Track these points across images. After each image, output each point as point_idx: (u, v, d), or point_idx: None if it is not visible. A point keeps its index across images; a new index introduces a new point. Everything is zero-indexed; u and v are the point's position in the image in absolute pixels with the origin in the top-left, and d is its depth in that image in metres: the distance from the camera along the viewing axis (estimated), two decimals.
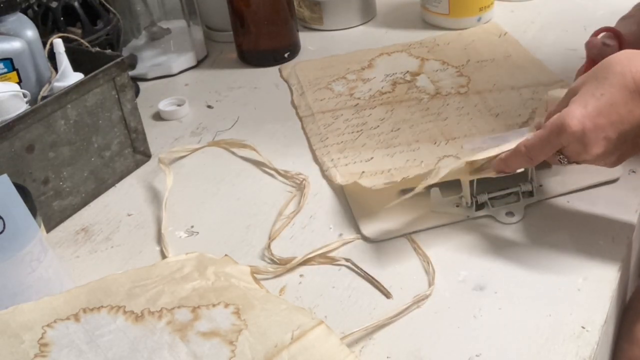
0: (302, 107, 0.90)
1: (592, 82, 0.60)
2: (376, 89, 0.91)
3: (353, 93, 0.91)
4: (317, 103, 0.90)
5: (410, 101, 0.88)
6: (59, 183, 0.74)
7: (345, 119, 0.86)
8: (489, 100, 0.86)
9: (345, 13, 1.08)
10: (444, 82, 0.91)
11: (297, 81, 0.96)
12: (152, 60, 1.03)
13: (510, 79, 0.90)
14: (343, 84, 0.93)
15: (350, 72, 0.96)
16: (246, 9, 0.98)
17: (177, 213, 0.74)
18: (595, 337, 0.55)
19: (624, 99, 0.58)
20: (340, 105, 0.89)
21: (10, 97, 0.70)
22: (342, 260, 0.65)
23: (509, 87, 0.88)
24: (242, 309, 0.58)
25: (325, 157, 0.79)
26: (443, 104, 0.87)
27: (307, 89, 0.93)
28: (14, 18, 0.76)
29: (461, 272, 0.62)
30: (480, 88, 0.89)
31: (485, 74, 0.92)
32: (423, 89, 0.90)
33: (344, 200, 0.73)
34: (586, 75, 0.61)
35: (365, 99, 0.89)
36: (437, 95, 0.88)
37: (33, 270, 0.59)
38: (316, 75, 0.96)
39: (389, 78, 0.93)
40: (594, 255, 0.62)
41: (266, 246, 0.68)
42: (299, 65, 0.99)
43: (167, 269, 0.63)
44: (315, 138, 0.84)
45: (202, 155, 0.84)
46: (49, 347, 0.56)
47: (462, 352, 0.55)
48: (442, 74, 0.93)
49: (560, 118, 0.59)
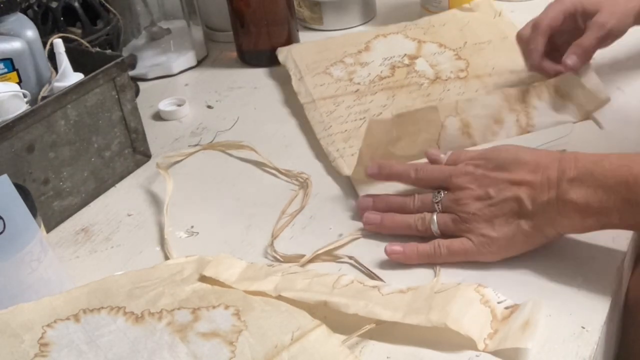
0: (302, 94, 0.89)
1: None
2: (375, 74, 0.90)
3: (352, 78, 0.90)
4: (317, 89, 0.89)
5: (411, 86, 0.87)
6: (59, 183, 0.74)
7: (347, 105, 0.85)
8: (489, 85, 0.85)
9: (345, 13, 1.08)
10: (443, 66, 0.90)
11: (294, 65, 0.94)
12: (152, 60, 1.03)
13: (509, 62, 0.89)
14: (341, 69, 0.92)
15: (348, 55, 0.94)
16: (246, 9, 0.98)
17: (177, 213, 0.74)
18: (595, 337, 0.55)
19: (523, 167, 0.61)
20: (341, 91, 0.88)
21: (10, 97, 0.70)
22: (345, 258, 0.65)
23: (508, 71, 0.87)
24: (242, 310, 0.58)
25: (331, 147, 0.79)
26: (444, 89, 0.86)
27: (305, 74, 0.92)
28: (14, 18, 0.76)
29: (461, 272, 0.62)
30: (479, 72, 0.88)
31: (484, 57, 0.91)
32: (422, 73, 0.89)
33: (344, 200, 0.73)
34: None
35: (366, 84, 0.89)
36: (437, 79, 0.88)
37: (33, 270, 0.59)
38: (313, 58, 0.94)
39: (387, 62, 0.92)
40: (594, 255, 0.62)
41: (269, 244, 0.68)
42: (295, 49, 0.98)
43: (167, 271, 0.63)
44: (318, 126, 0.83)
45: (202, 155, 0.84)
46: (49, 347, 0.56)
47: (462, 353, 0.55)
48: (440, 57, 0.92)
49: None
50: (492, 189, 0.62)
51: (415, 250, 0.63)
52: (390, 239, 0.66)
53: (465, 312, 0.55)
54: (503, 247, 0.62)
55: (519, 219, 0.61)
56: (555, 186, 0.59)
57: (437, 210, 0.65)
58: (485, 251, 0.62)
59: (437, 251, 0.63)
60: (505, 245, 0.61)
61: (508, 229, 0.61)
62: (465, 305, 0.56)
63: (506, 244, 0.61)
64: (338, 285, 0.59)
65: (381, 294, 0.58)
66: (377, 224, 0.67)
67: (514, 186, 0.61)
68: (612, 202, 0.57)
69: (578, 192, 0.58)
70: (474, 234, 0.62)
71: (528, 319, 0.54)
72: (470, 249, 0.62)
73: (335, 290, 0.59)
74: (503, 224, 0.61)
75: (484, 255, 0.62)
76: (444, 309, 0.55)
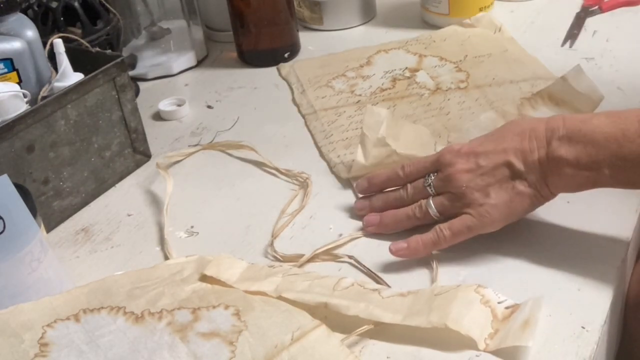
0: (303, 105, 0.90)
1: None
2: (376, 86, 0.91)
3: (354, 90, 0.91)
4: (318, 101, 0.90)
5: (412, 97, 0.88)
6: (59, 183, 0.74)
7: (348, 115, 0.86)
8: (489, 95, 0.86)
9: (345, 13, 1.08)
10: (444, 78, 0.91)
11: (296, 80, 0.96)
12: (152, 60, 1.03)
13: (509, 73, 0.90)
14: (343, 82, 0.93)
15: (349, 69, 0.96)
16: (246, 9, 0.98)
17: (177, 213, 0.74)
18: (595, 337, 0.55)
19: (508, 135, 0.61)
20: (342, 103, 0.89)
21: (10, 97, 0.70)
22: (345, 258, 0.65)
23: (508, 81, 0.88)
24: (243, 310, 0.58)
25: (332, 154, 0.80)
26: (444, 99, 0.87)
27: (307, 87, 0.93)
28: (14, 18, 0.76)
29: (461, 272, 0.62)
30: (479, 83, 0.89)
31: (484, 68, 0.92)
32: (423, 84, 0.90)
33: (344, 200, 0.73)
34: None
35: (367, 96, 0.90)
36: (438, 90, 0.89)
37: (33, 270, 0.59)
38: (315, 73, 0.96)
39: (388, 75, 0.93)
40: (594, 255, 0.62)
41: (269, 243, 0.68)
42: (298, 64, 0.99)
43: (167, 271, 0.63)
44: (319, 135, 0.84)
45: (202, 155, 0.84)
46: (49, 347, 0.56)
47: (462, 352, 0.55)
48: (440, 69, 0.93)
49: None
50: (481, 159, 0.62)
51: (420, 242, 0.63)
52: (390, 238, 0.66)
53: (466, 313, 0.55)
54: (504, 214, 0.61)
55: (513, 181, 0.60)
56: (545, 145, 0.59)
57: (430, 193, 0.65)
58: (487, 221, 0.61)
59: (440, 235, 0.62)
60: (506, 210, 0.61)
61: (505, 194, 0.61)
62: (465, 306, 0.56)
63: (506, 209, 0.61)
64: (338, 288, 0.59)
65: (381, 296, 0.58)
66: (377, 224, 0.67)
67: (502, 153, 0.61)
68: (602, 156, 0.57)
69: (568, 149, 0.58)
70: (471, 207, 0.61)
71: (528, 318, 0.54)
72: (472, 223, 0.61)
73: (335, 292, 0.59)
74: (498, 190, 0.61)
75: (486, 226, 0.62)
76: (444, 311, 0.55)
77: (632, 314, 0.69)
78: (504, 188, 0.61)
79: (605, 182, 0.59)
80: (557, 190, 0.61)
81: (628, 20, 1.01)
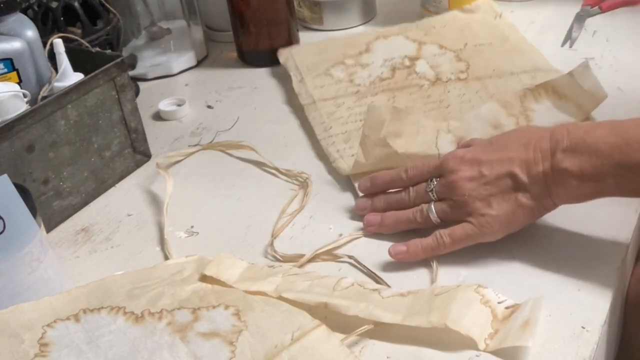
0: (302, 95, 0.89)
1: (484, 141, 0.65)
2: (376, 75, 0.90)
3: (353, 79, 0.90)
4: (317, 90, 0.89)
5: (411, 88, 0.87)
6: (59, 183, 0.74)
7: (348, 107, 0.85)
8: (489, 87, 0.85)
9: (345, 13, 1.08)
10: (444, 68, 0.90)
11: (295, 67, 0.94)
12: (152, 60, 1.03)
13: (509, 64, 0.89)
14: (342, 70, 0.92)
15: (348, 56, 0.94)
16: (246, 9, 0.98)
17: (177, 213, 0.74)
18: (595, 337, 0.55)
19: (514, 144, 0.61)
20: (341, 92, 0.88)
21: (10, 97, 0.70)
22: (345, 258, 0.65)
23: (509, 73, 0.87)
24: (243, 310, 0.58)
25: (331, 148, 0.79)
26: (444, 90, 0.86)
27: (305, 75, 0.92)
28: (14, 18, 0.76)
29: (461, 272, 0.62)
30: (480, 74, 0.88)
31: (484, 58, 0.91)
32: (423, 74, 0.89)
33: (344, 200, 0.73)
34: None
35: (366, 86, 0.89)
36: (438, 81, 0.88)
37: (33, 270, 0.59)
38: (314, 60, 0.94)
39: (387, 63, 0.92)
40: (594, 255, 0.62)
41: (269, 244, 0.68)
42: (296, 50, 0.98)
43: (167, 271, 0.63)
44: (319, 127, 0.83)
45: (202, 155, 0.84)
46: (49, 347, 0.56)
47: (462, 352, 0.55)
48: (440, 58, 0.92)
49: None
50: (485, 167, 0.61)
51: (419, 247, 0.63)
52: (390, 238, 0.66)
53: (466, 313, 0.55)
54: (504, 225, 0.61)
55: (515, 193, 0.60)
56: (550, 157, 0.59)
57: (432, 198, 0.65)
58: (487, 231, 0.61)
59: (440, 242, 0.62)
60: (507, 222, 0.61)
61: (507, 205, 0.60)
62: (465, 306, 0.56)
63: (507, 220, 0.61)
64: (339, 288, 0.59)
65: (381, 296, 0.58)
66: (378, 224, 0.67)
67: (506, 163, 0.61)
68: (606, 167, 0.57)
69: (572, 160, 0.58)
70: (473, 216, 0.61)
71: (528, 318, 0.54)
72: (472, 232, 0.61)
73: (335, 292, 0.59)
74: (500, 201, 0.61)
75: (486, 236, 0.62)
76: (444, 311, 0.55)
77: (632, 314, 0.69)
78: (507, 199, 0.60)
79: (610, 192, 0.58)
80: (560, 201, 0.61)
81: (628, 20, 1.01)
